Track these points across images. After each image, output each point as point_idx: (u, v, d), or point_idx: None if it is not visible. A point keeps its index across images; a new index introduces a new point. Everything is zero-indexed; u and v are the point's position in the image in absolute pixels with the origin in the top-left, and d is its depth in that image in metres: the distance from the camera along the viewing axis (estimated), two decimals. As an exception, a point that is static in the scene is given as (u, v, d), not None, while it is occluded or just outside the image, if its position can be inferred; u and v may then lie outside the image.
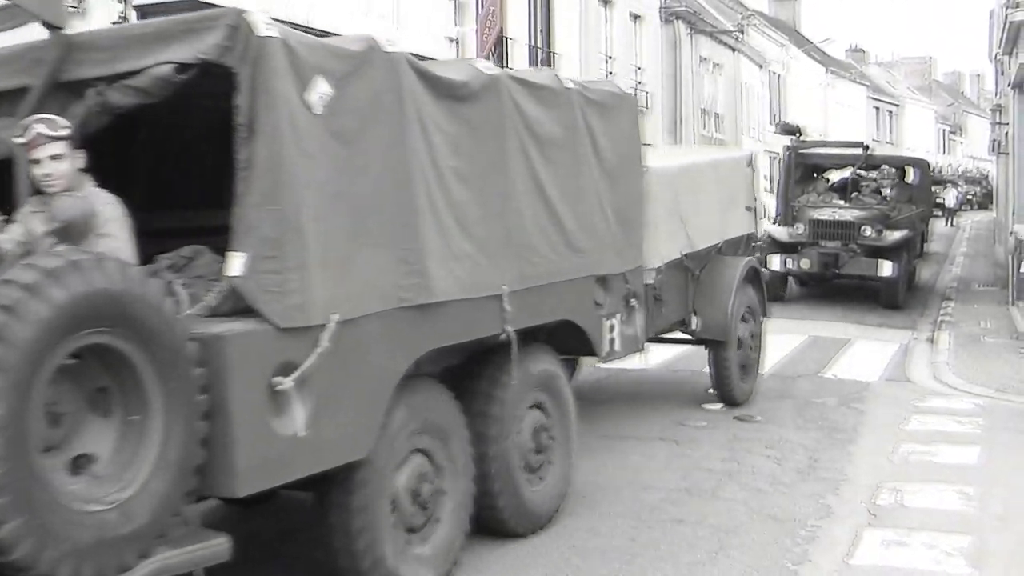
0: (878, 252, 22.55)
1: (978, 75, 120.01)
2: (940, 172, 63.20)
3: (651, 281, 10.73)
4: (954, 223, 57.87)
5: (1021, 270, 17.23)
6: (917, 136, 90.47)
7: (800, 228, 23.18)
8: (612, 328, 9.46)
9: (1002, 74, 32.25)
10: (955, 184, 66.23)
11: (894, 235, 22.82)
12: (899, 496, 9.28)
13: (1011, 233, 18.78)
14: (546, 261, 8.22)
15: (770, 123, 53.73)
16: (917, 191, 27.07)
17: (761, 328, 13.62)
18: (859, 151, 26.77)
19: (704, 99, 44.53)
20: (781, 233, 23.78)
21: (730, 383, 12.77)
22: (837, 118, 67.74)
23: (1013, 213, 22.19)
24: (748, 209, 14.24)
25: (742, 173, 14.46)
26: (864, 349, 17.81)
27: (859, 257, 22.52)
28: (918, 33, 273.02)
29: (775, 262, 22.96)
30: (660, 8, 39.96)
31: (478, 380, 7.87)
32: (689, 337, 12.71)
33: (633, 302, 9.84)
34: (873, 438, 11.51)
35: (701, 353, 16.73)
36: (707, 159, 14.42)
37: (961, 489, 9.47)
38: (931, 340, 18.55)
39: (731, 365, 12.65)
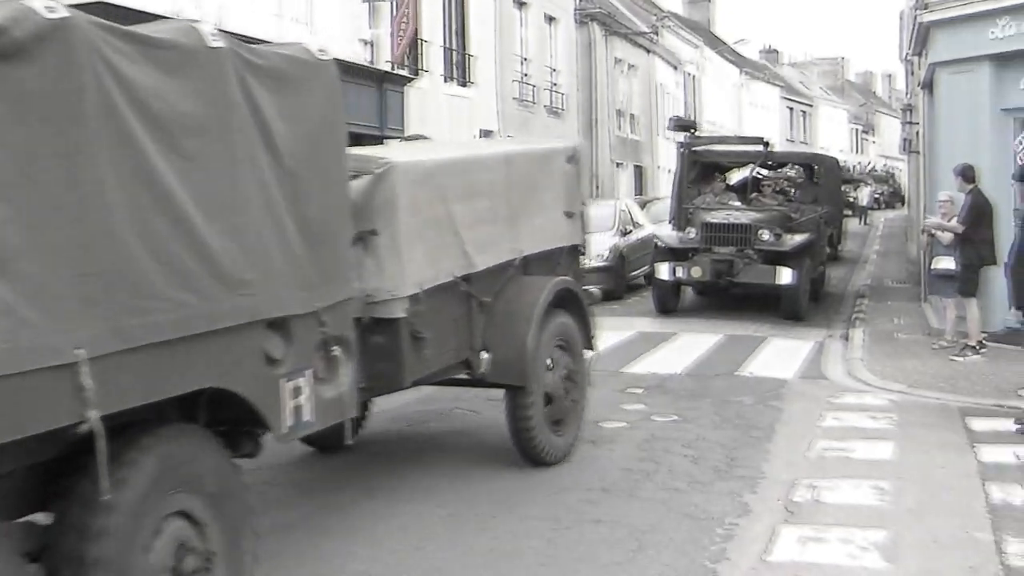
0: (777, 258, 20.77)
1: (889, 75, 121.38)
2: (851, 171, 63.86)
3: (402, 314, 8.35)
4: (867, 221, 58.54)
5: (931, 267, 17.45)
6: (830, 136, 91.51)
7: (692, 232, 21.49)
8: (297, 392, 6.77)
9: (912, 74, 32.63)
10: (867, 183, 66.98)
11: (795, 239, 21.12)
12: (815, 492, 9.34)
13: (922, 230, 19.00)
14: (169, 304, 5.60)
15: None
16: (824, 190, 25.21)
17: (584, 365, 10.95)
18: (759, 148, 25.44)
19: (619, 100, 44.74)
20: (671, 238, 22.19)
21: (532, 437, 9.91)
22: (751, 119, 68.33)
23: (925, 211, 22.40)
24: (569, 215, 11.37)
25: (559, 171, 11.39)
26: (780, 347, 17.92)
27: (755, 264, 20.69)
28: (831, 34, 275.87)
29: (663, 270, 21.37)
30: (575, 10, 40.09)
31: (65, 506, 5.40)
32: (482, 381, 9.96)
33: (335, 351, 7.20)
34: (789, 435, 11.58)
35: (619, 350, 16.98)
36: (498, 152, 11.12)
37: (876, 484, 9.55)
38: (846, 337, 18.70)
39: (533, 415, 9.83)
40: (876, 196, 67.89)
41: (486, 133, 32.10)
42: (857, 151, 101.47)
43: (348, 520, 8.74)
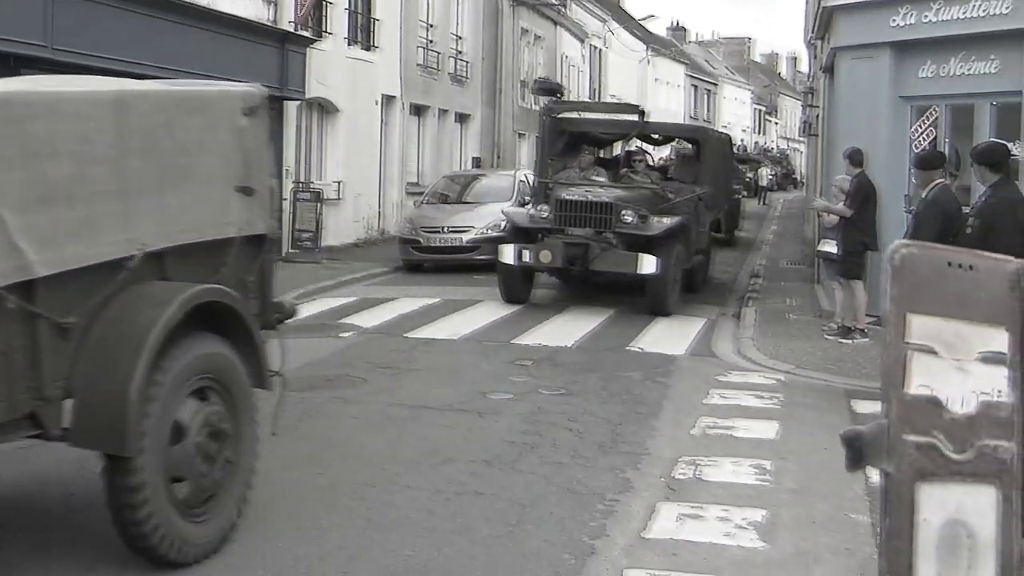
0: (641, 243, 18.26)
1: (794, 57, 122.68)
2: (746, 151, 64.35)
3: None
4: (766, 202, 59.13)
5: (819, 248, 17.65)
6: (734, 115, 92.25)
7: (544, 211, 18.91)
8: None
9: (815, 58, 32.92)
10: (762, 163, 67.57)
11: (663, 222, 18.56)
12: (697, 470, 9.37)
13: (813, 203, 19.34)
14: None
15: (590, 97, 54.08)
16: (707, 168, 21.98)
17: (251, 413, 7.73)
18: (634, 118, 22.19)
19: (524, 71, 44.61)
20: (519, 216, 19.90)
21: (141, 530, 6.59)
22: (656, 95, 68.58)
23: (821, 193, 22.61)
24: (245, 192, 7.88)
25: (228, 127, 7.88)
26: (671, 324, 17.97)
27: (615, 250, 18.14)
28: (737, 14, 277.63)
29: (507, 253, 18.53)
30: (483, -22, 39.90)
31: None
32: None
33: None
34: (675, 412, 11.61)
35: (513, 323, 16.96)
36: (102, 91, 7.17)
37: (758, 463, 9.60)
38: (737, 316, 18.84)
39: (142, 500, 6.49)
40: (770, 176, 68.56)
41: (388, 98, 31.87)
42: (759, 132, 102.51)
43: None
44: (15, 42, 15.52)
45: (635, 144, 24.02)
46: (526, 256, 18.27)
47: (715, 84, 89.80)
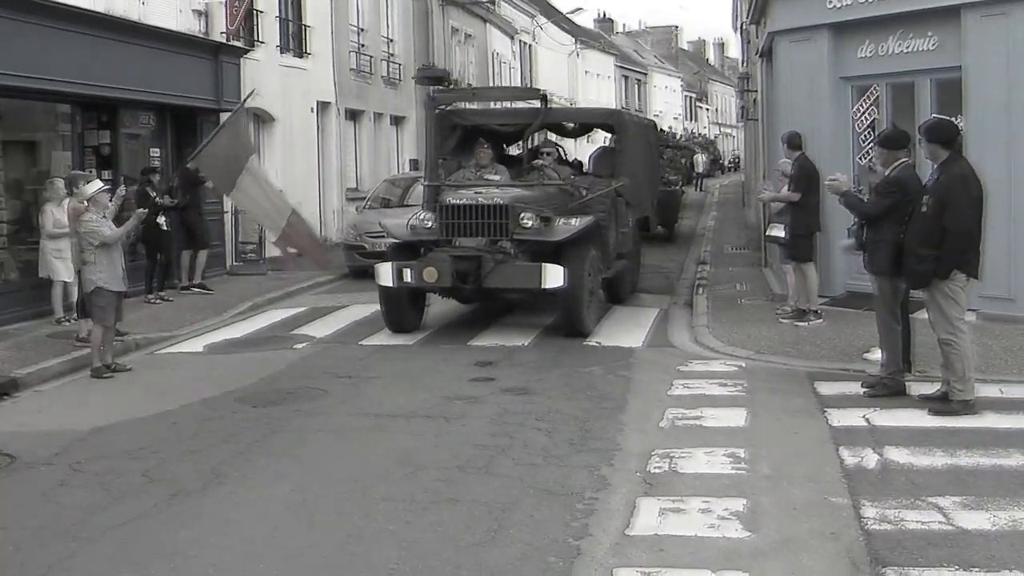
0: (546, 252, 15.67)
1: (721, 43, 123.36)
2: (676, 138, 64.40)
3: None
4: (703, 188, 59.39)
5: (768, 233, 17.67)
6: (665, 104, 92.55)
7: (428, 220, 16.15)
8: None
9: (749, 43, 33.01)
10: (696, 150, 67.74)
11: (571, 224, 15.92)
12: (671, 463, 9.32)
13: (759, 196, 19.29)
14: None
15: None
16: (625, 159, 19.06)
17: None
18: (536, 105, 19.28)
19: (456, 70, 44.48)
20: (399, 228, 16.76)
21: None
22: (586, 87, 68.69)
23: (764, 177, 22.64)
24: None
25: None
26: (625, 315, 17.95)
27: (512, 261, 15.42)
28: (663, 2, 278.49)
29: (384, 274, 15.56)
30: (411, -21, 39.73)
31: None
32: None
33: None
34: (641, 405, 11.55)
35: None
36: None
37: (731, 452, 9.57)
38: (690, 304, 18.82)
39: None
40: (705, 163, 68.80)
41: (323, 105, 31.66)
42: (691, 119, 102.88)
43: (198, 508, 8.46)
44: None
45: (545, 136, 21.66)
46: (407, 275, 15.33)
47: (645, 74, 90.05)
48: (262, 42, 27.58)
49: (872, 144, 15.74)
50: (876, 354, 12.50)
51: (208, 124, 20.92)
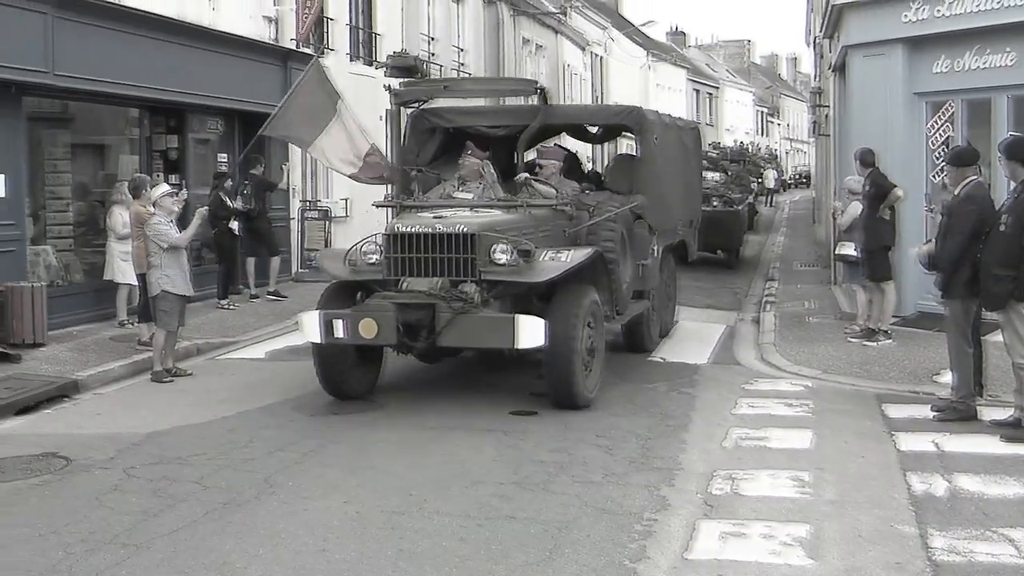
0: (521, 297, 12.36)
1: (794, 58, 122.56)
2: (745, 149, 63.34)
3: None
4: (773, 203, 58.93)
5: (838, 251, 17.37)
6: (736, 118, 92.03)
7: (372, 254, 12.50)
8: None
9: (822, 57, 32.58)
10: (768, 165, 67.13)
11: (559, 259, 12.15)
12: (733, 484, 9.11)
13: (832, 213, 18.93)
14: None
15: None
16: (644, 172, 15.22)
17: None
18: (532, 101, 15.40)
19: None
20: (336, 263, 12.99)
21: None
22: (658, 100, 68.41)
23: (834, 193, 22.32)
24: None
25: None
26: (691, 331, 17.76)
27: (476, 311, 11.67)
28: (736, 16, 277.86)
29: (310, 326, 12.00)
30: (482, -11, 39.71)
31: None
32: None
33: None
34: (705, 424, 11.35)
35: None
36: None
37: (795, 475, 9.35)
38: (756, 321, 18.59)
39: None
40: (776, 179, 68.19)
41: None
42: (762, 134, 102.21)
43: (250, 518, 8.35)
44: (16, 69, 15.29)
45: (553, 142, 16.76)
46: (338, 329, 11.73)
47: (716, 87, 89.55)
48: (332, 49, 27.56)
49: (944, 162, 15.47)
50: (947, 377, 12.24)
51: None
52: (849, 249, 16.26)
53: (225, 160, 21.72)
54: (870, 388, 13.07)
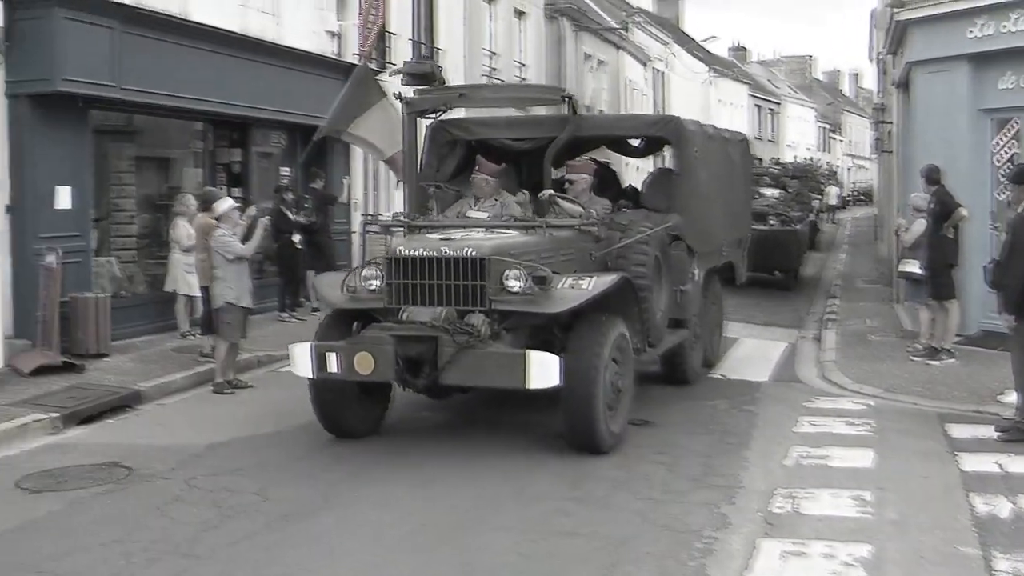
0: (536, 330, 11.17)
1: (856, 74, 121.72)
2: (806, 167, 62.55)
3: None
4: (835, 220, 58.57)
5: (901, 269, 17.21)
6: (798, 134, 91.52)
7: (372, 279, 11.27)
8: None
9: (885, 73, 32.38)
10: (829, 182, 66.61)
11: (580, 286, 10.80)
12: (795, 503, 9.03)
13: (895, 231, 18.75)
14: None
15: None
16: (684, 187, 13.94)
17: None
18: (556, 110, 15.12)
19: (588, 96, 44.38)
20: (333, 291, 11.63)
21: None
22: (719, 116, 68.17)
23: (898, 210, 22.14)
24: None
25: None
26: (751, 348, 17.68)
27: (484, 345, 10.38)
28: (798, 32, 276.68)
29: (301, 360, 10.90)
30: (544, 5, 39.69)
31: None
32: None
33: None
34: (765, 442, 11.28)
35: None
36: None
37: (857, 495, 9.26)
38: (818, 339, 18.47)
39: None
40: (838, 195, 67.63)
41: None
42: (825, 150, 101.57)
43: (310, 532, 8.37)
44: (84, 83, 15.47)
45: (589, 156, 15.32)
46: (331, 363, 10.63)
47: (778, 103, 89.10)
48: (394, 64, 27.70)
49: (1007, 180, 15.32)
50: (1011, 397, 12.10)
51: (338, 144, 20.95)
52: (913, 267, 16.12)
53: (287, 174, 21.84)
54: (933, 408, 12.95)
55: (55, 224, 15.62)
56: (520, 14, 37.51)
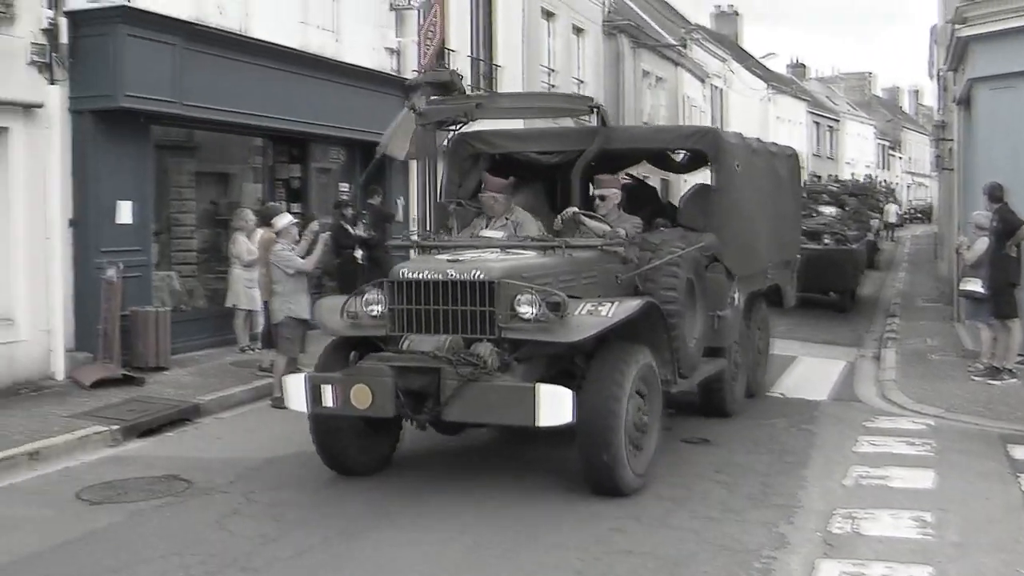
0: (560, 361, 10.27)
1: (916, 90, 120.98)
2: (869, 184, 61.87)
3: None
4: (894, 238, 58.15)
5: (963, 287, 17.04)
6: (858, 151, 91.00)
7: (375, 305, 10.39)
8: None
9: (945, 90, 32.12)
10: (878, 199, 65.98)
11: (600, 312, 9.80)
12: (854, 524, 8.95)
13: (956, 249, 18.58)
14: None
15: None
16: (722, 201, 12.94)
17: None
18: (585, 121, 14.34)
19: (646, 112, 44.33)
20: (333, 316, 10.67)
21: None
22: (778, 133, 67.89)
23: (959, 228, 21.97)
24: None
25: None
26: (810, 367, 17.57)
27: (491, 377, 9.42)
28: (857, 49, 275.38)
29: (294, 392, 9.91)
30: (603, 22, 39.72)
31: None
32: None
33: None
34: (825, 461, 11.20)
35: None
36: None
37: (917, 515, 9.16)
38: (877, 358, 18.33)
39: None
40: (898, 213, 67.13)
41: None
42: (884, 167, 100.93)
43: (367, 547, 8.39)
44: (146, 99, 15.63)
45: (627, 171, 15.20)
46: (326, 396, 9.60)
47: (837, 120, 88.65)
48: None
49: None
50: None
51: (397, 162, 21.04)
52: (975, 285, 15.96)
53: (346, 189, 21.94)
54: (994, 428, 12.83)
55: (117, 238, 15.78)
56: (579, 31, 37.53)
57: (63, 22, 15.13)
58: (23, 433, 11.86)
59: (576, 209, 11.96)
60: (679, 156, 14.72)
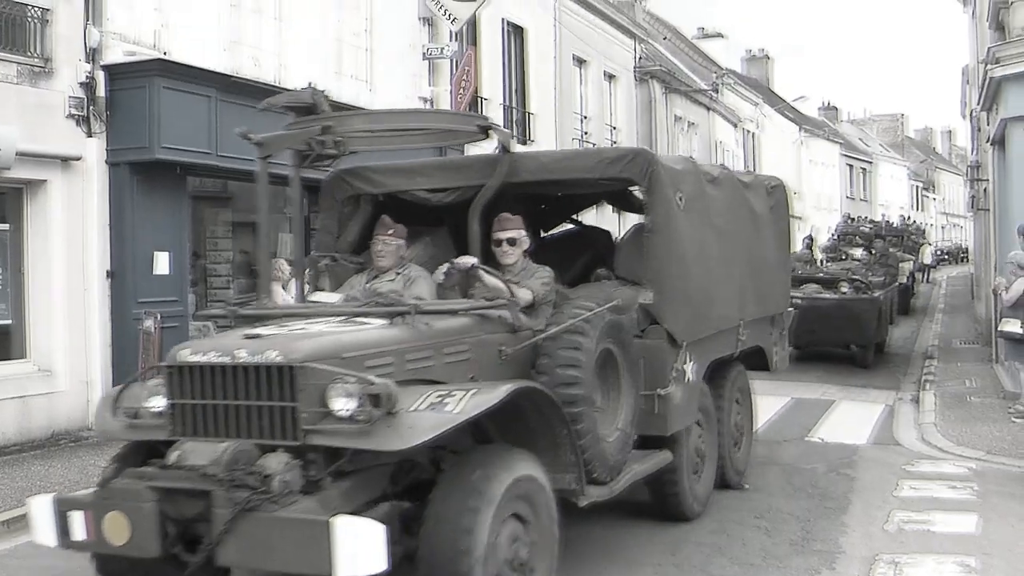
0: (405, 477, 7.50)
1: (949, 131, 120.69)
2: (904, 225, 60.95)
3: None
4: (930, 279, 57.84)
5: (1002, 328, 16.87)
6: (891, 193, 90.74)
7: (156, 398, 7.45)
8: None
9: (979, 131, 32.02)
10: (925, 242, 65.59)
11: (445, 407, 6.77)
12: (897, 569, 8.87)
13: (993, 290, 18.43)
14: None
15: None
16: (674, 245, 9.81)
17: None
18: (492, 151, 9.89)
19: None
20: (103, 413, 8.02)
21: None
22: (811, 176, 67.83)
23: (995, 269, 21.86)
24: None
25: None
26: (849, 411, 17.47)
27: (271, 510, 6.36)
28: (889, 90, 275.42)
29: (40, 520, 7.03)
30: (634, 68, 39.86)
31: None
32: None
33: None
34: (865, 506, 11.11)
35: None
36: None
37: (961, 560, 9.07)
38: (916, 400, 18.21)
39: None
40: (934, 254, 66.83)
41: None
42: (918, 208, 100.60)
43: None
44: (183, 151, 15.76)
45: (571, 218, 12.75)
46: (76, 526, 6.85)
47: (870, 162, 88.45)
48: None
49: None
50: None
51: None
52: (1014, 326, 15.84)
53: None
54: (1038, 471, 12.71)
55: (154, 289, 15.87)
56: (611, 77, 37.70)
57: (100, 75, 15.34)
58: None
59: (475, 260, 8.87)
60: (640, 192, 10.29)
